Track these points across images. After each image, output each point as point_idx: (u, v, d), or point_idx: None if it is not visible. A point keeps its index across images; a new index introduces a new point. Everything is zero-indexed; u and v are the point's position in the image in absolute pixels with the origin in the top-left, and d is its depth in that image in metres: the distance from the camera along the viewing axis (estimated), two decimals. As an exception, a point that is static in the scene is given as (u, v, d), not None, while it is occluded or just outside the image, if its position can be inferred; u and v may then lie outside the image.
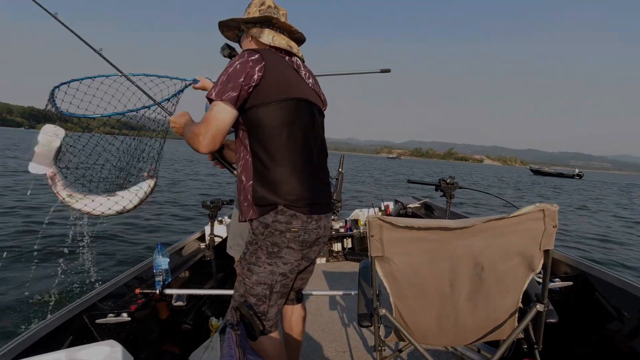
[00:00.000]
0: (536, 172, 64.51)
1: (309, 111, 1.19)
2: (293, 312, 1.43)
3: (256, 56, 1.10)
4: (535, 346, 1.09)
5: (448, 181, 2.34)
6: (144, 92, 1.47)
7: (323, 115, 1.32)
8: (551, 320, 1.09)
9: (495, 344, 1.54)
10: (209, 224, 2.55)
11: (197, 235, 2.71)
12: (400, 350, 1.42)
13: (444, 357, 1.82)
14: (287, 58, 1.21)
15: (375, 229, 0.97)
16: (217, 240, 2.60)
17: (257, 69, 1.08)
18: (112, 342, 1.11)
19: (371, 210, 3.68)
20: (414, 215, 3.67)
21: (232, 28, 1.33)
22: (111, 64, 1.46)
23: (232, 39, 1.40)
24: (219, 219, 2.81)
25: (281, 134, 1.11)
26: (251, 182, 1.15)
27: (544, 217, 0.93)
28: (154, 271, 1.84)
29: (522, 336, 1.13)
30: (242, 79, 1.06)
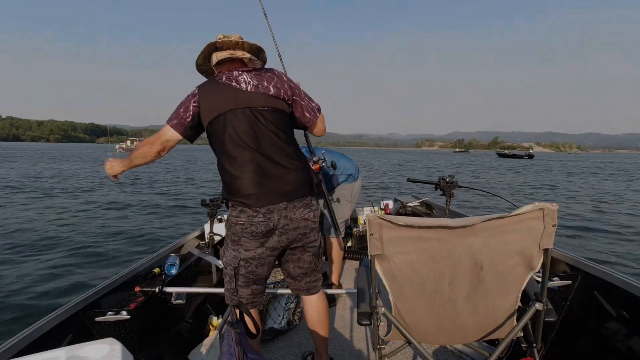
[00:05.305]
0: (500, 156, 70.51)
1: (243, 118, 1.34)
2: (306, 302, 1.57)
3: (194, 91, 1.37)
4: (534, 345, 1.09)
5: (447, 180, 2.34)
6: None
7: (271, 110, 1.37)
8: (550, 319, 1.09)
9: (494, 343, 1.55)
10: (209, 222, 2.55)
11: (197, 233, 2.70)
12: (404, 347, 1.42)
13: (443, 355, 1.83)
14: (223, 78, 1.36)
15: (375, 227, 0.97)
16: (217, 238, 2.60)
17: (192, 101, 1.34)
18: (111, 340, 1.11)
19: (371, 209, 3.68)
20: (413, 214, 3.66)
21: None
22: None
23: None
24: (218, 217, 2.80)
25: (222, 144, 1.34)
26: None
27: (543, 216, 0.93)
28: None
29: (521, 335, 1.14)
30: (182, 110, 1.34)
